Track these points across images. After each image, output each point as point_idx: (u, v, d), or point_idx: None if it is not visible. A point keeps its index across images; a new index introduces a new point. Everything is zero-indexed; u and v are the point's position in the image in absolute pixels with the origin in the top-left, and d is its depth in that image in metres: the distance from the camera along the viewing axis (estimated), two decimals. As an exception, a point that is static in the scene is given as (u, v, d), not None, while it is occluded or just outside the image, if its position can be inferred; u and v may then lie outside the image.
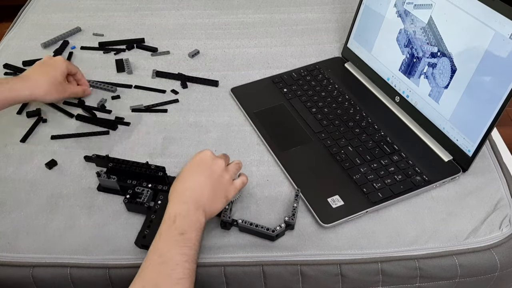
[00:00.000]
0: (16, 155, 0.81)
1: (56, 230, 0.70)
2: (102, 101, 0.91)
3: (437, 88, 0.78)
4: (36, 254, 0.68)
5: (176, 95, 0.93)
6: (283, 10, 1.15)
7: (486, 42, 0.69)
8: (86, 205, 0.73)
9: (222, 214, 0.68)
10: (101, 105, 0.90)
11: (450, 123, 0.77)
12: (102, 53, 1.03)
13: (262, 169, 0.78)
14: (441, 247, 0.68)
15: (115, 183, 0.73)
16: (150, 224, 0.67)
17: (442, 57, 0.77)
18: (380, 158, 0.77)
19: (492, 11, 0.68)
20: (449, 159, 0.77)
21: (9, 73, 0.98)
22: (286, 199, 0.74)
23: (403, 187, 0.73)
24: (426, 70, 0.80)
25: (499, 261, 0.67)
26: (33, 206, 0.74)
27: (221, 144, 0.83)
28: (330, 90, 0.91)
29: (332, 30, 1.08)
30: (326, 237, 0.69)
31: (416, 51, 0.81)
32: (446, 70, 0.76)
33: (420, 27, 0.80)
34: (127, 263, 0.67)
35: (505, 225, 0.69)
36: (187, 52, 1.03)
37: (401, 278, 0.67)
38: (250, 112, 0.88)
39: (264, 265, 0.67)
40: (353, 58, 0.97)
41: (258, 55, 1.02)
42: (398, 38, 0.85)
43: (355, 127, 0.83)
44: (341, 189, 0.73)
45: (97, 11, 1.16)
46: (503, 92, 0.68)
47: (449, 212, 0.71)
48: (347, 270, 0.66)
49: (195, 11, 1.15)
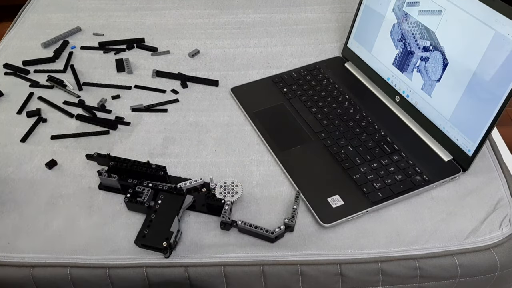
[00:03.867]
0: (16, 155, 0.82)
1: (56, 230, 0.70)
2: (102, 101, 0.91)
3: (430, 82, 0.78)
4: (36, 254, 0.68)
5: (176, 95, 0.93)
6: (283, 10, 1.15)
7: (486, 42, 0.69)
8: (86, 205, 0.74)
9: (222, 215, 0.68)
10: (101, 105, 0.90)
11: (450, 123, 0.77)
12: (102, 53, 1.03)
13: (262, 169, 0.78)
14: (441, 247, 0.67)
15: (116, 182, 0.73)
16: (150, 224, 0.67)
17: (435, 51, 0.77)
18: (380, 158, 0.77)
19: (492, 11, 0.68)
20: (449, 159, 0.77)
21: (9, 73, 0.98)
22: (286, 199, 0.74)
23: (403, 186, 0.73)
24: (418, 64, 0.80)
25: (499, 261, 0.67)
26: (33, 206, 0.74)
27: (221, 144, 0.83)
28: (330, 90, 0.91)
29: (332, 30, 1.08)
30: (326, 237, 0.69)
31: (409, 45, 0.82)
32: (438, 64, 0.76)
33: (418, 25, 0.80)
34: (127, 263, 0.67)
35: (505, 225, 0.69)
36: (187, 52, 1.03)
37: (401, 278, 0.67)
38: (250, 112, 0.88)
39: (264, 265, 0.67)
40: (353, 58, 0.97)
41: (258, 55, 1.02)
42: (391, 32, 0.85)
43: (355, 126, 0.83)
44: (341, 189, 0.73)
45: (97, 11, 1.16)
46: (503, 92, 0.68)
47: (449, 212, 0.71)
48: (347, 270, 0.66)
49: (195, 11, 1.15)
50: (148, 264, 0.66)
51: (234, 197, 0.71)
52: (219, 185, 0.73)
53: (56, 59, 1.01)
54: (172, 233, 0.66)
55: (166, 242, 0.65)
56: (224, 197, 0.71)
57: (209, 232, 0.70)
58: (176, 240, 0.67)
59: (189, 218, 0.72)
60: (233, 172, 0.78)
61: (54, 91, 0.94)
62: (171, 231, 0.66)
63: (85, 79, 0.97)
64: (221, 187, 0.73)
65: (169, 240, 0.65)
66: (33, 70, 0.99)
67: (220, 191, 0.72)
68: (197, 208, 0.72)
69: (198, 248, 0.68)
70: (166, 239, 0.65)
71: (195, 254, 0.67)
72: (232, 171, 0.78)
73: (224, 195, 0.71)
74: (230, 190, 0.72)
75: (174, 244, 0.67)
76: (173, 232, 0.66)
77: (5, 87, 0.95)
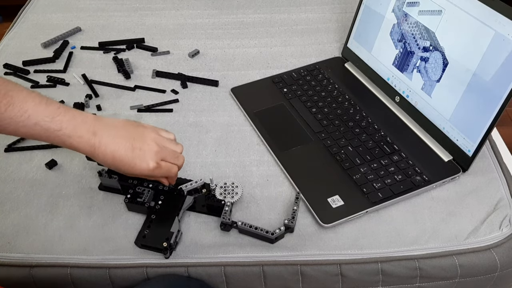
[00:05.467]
0: (16, 155, 0.81)
1: (56, 230, 0.70)
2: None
3: (429, 82, 0.78)
4: (36, 254, 0.68)
5: (176, 95, 0.93)
6: (283, 10, 1.15)
7: (486, 42, 0.69)
8: (86, 205, 0.73)
9: (222, 216, 0.68)
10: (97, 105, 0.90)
11: (450, 123, 0.77)
12: (102, 53, 1.03)
13: (262, 169, 0.78)
14: (441, 247, 0.68)
15: (116, 182, 0.73)
16: (150, 224, 0.67)
17: (435, 51, 0.77)
18: (380, 158, 0.77)
19: (492, 11, 0.68)
20: (449, 159, 0.77)
21: (9, 73, 0.98)
22: (286, 199, 0.74)
23: (403, 187, 0.73)
24: (418, 64, 0.81)
25: (499, 261, 0.67)
26: (33, 206, 0.73)
27: (221, 144, 0.83)
28: (330, 90, 0.91)
29: (332, 30, 1.08)
30: (326, 237, 0.69)
31: (409, 46, 0.82)
32: (438, 64, 0.77)
33: (418, 25, 0.80)
34: (127, 263, 0.67)
35: (505, 225, 0.69)
36: (187, 52, 1.03)
37: (401, 278, 0.67)
38: (250, 112, 0.88)
39: (264, 265, 0.67)
40: (353, 58, 0.97)
41: (258, 55, 1.02)
42: (391, 32, 0.85)
43: (355, 127, 0.83)
44: (341, 189, 0.73)
45: (97, 11, 1.16)
46: (503, 92, 0.68)
47: (449, 212, 0.71)
48: (347, 270, 0.66)
49: (195, 11, 1.15)
50: (148, 264, 0.66)
51: (234, 198, 0.71)
52: (219, 185, 0.73)
53: (56, 59, 1.01)
54: (172, 233, 0.66)
55: (166, 242, 0.65)
56: (224, 198, 0.71)
57: (209, 232, 0.70)
58: (176, 240, 0.67)
59: (189, 218, 0.72)
60: (233, 172, 0.78)
61: (54, 91, 0.94)
62: (171, 231, 0.66)
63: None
64: (221, 188, 0.73)
65: (169, 240, 0.65)
66: (33, 70, 0.99)
67: (220, 191, 0.72)
68: (197, 209, 0.72)
69: (198, 249, 0.68)
70: (166, 240, 0.65)
71: (195, 254, 0.68)
72: (232, 171, 0.78)
73: (224, 196, 0.71)
74: (230, 190, 0.72)
75: (174, 245, 0.67)
76: (173, 233, 0.66)
77: (5, 87, 0.94)
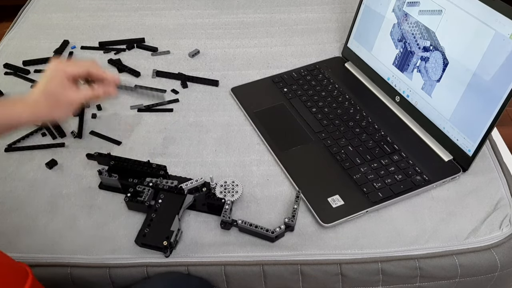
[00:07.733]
0: (16, 155, 0.81)
1: (56, 230, 0.70)
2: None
3: (430, 82, 0.78)
4: (37, 254, 0.68)
5: (176, 94, 0.93)
6: (283, 10, 1.15)
7: (486, 42, 0.69)
8: (86, 205, 0.73)
9: (222, 214, 0.68)
10: (97, 105, 0.90)
11: (450, 123, 0.77)
12: (102, 53, 1.03)
13: (262, 168, 0.78)
14: (441, 247, 0.68)
15: (116, 181, 0.73)
16: (150, 223, 0.67)
17: (435, 51, 0.77)
18: (380, 158, 0.77)
19: (492, 11, 0.68)
20: (449, 159, 0.77)
21: (9, 73, 0.98)
22: (286, 199, 0.74)
23: (403, 186, 0.73)
24: (418, 64, 0.81)
25: (499, 261, 0.67)
26: (33, 206, 0.73)
27: (221, 144, 0.83)
28: (330, 90, 0.91)
29: (332, 30, 1.08)
30: (326, 237, 0.69)
31: (409, 45, 0.82)
32: (438, 64, 0.77)
33: (418, 25, 0.80)
34: (128, 262, 0.67)
35: (505, 225, 0.69)
36: (187, 52, 1.03)
37: (401, 278, 0.67)
38: (250, 112, 0.88)
39: (264, 265, 0.67)
40: (353, 58, 0.97)
41: (258, 55, 1.02)
42: (392, 32, 0.85)
43: (355, 126, 0.83)
44: (341, 188, 0.73)
45: (97, 11, 1.16)
46: (503, 92, 0.68)
47: (449, 212, 0.71)
48: (347, 269, 0.66)
49: (195, 11, 1.15)
50: (148, 263, 0.66)
51: (234, 197, 0.71)
52: (219, 184, 0.73)
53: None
54: (172, 232, 0.66)
55: (166, 241, 0.65)
56: (224, 197, 0.71)
57: (209, 231, 0.70)
58: (176, 239, 0.67)
59: (190, 217, 0.72)
60: (233, 172, 0.78)
61: (54, 91, 0.94)
62: (172, 230, 0.66)
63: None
64: (222, 187, 0.73)
65: (170, 239, 0.65)
66: (33, 70, 0.99)
67: (221, 190, 0.72)
68: (198, 208, 0.72)
69: (199, 247, 0.68)
70: (167, 238, 0.65)
71: (196, 253, 0.68)
72: (232, 171, 0.78)
73: (225, 195, 0.71)
74: (231, 189, 0.72)
75: (174, 243, 0.67)
76: (174, 231, 0.66)
77: (5, 87, 0.95)
